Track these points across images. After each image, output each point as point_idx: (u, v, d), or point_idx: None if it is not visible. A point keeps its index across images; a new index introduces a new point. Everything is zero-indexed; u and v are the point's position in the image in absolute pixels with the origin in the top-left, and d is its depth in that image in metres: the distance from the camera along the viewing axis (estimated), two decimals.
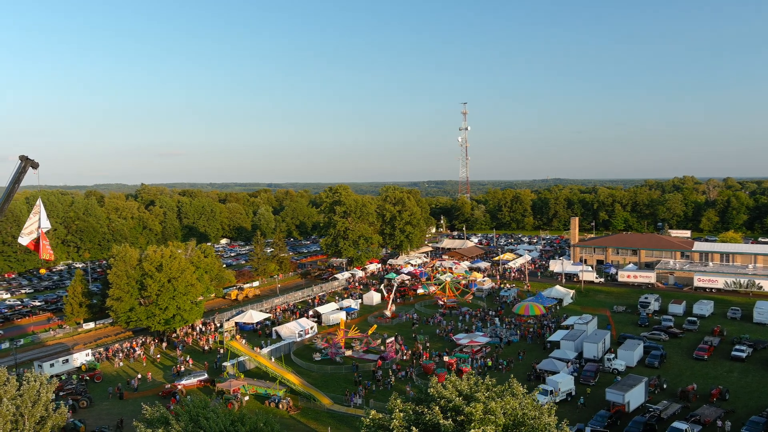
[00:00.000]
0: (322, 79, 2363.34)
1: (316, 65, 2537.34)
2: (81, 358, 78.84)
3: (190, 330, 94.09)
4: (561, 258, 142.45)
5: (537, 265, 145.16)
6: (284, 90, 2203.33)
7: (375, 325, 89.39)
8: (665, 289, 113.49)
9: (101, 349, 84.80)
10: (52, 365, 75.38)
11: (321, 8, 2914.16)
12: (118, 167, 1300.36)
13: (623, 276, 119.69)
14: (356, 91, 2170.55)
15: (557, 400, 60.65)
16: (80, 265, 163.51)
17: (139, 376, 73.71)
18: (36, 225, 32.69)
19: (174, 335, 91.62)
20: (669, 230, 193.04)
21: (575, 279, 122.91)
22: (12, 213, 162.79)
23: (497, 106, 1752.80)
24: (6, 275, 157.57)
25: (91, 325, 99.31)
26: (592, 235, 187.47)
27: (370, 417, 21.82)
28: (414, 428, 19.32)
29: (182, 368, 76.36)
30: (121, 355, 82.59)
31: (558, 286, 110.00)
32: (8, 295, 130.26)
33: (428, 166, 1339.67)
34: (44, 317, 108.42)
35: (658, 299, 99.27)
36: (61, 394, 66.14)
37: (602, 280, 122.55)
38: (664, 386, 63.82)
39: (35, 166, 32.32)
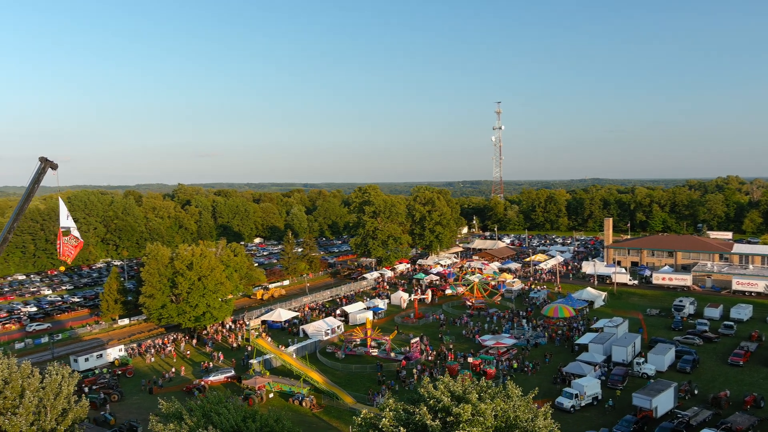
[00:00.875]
0: (359, 79, 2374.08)
1: (352, 66, 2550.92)
2: (114, 353, 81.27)
3: (220, 327, 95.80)
4: (594, 259, 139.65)
5: (569, 267, 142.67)
6: (321, 90, 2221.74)
7: (395, 332, 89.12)
8: (702, 293, 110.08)
9: (134, 345, 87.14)
10: (86, 359, 77.95)
11: (356, 8, 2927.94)
12: (159, 168, 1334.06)
13: (658, 278, 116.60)
14: (393, 90, 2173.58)
15: (583, 404, 59.80)
16: (118, 263, 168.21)
17: (174, 370, 75.64)
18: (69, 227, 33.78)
19: (204, 332, 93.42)
20: (708, 232, 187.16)
21: (608, 281, 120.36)
22: (55, 212, 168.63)
23: (533, 105, 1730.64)
24: (49, 272, 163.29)
25: (126, 321, 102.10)
26: (628, 237, 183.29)
27: (362, 416, 21.90)
28: (402, 428, 19.31)
29: (211, 365, 77.92)
30: (152, 351, 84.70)
31: (589, 288, 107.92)
32: (50, 291, 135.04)
33: (463, 166, 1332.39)
34: (83, 313, 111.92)
35: (694, 303, 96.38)
36: (94, 387, 68.56)
37: (636, 282, 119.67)
38: (695, 392, 61.93)
39: (54, 167, 33.41)
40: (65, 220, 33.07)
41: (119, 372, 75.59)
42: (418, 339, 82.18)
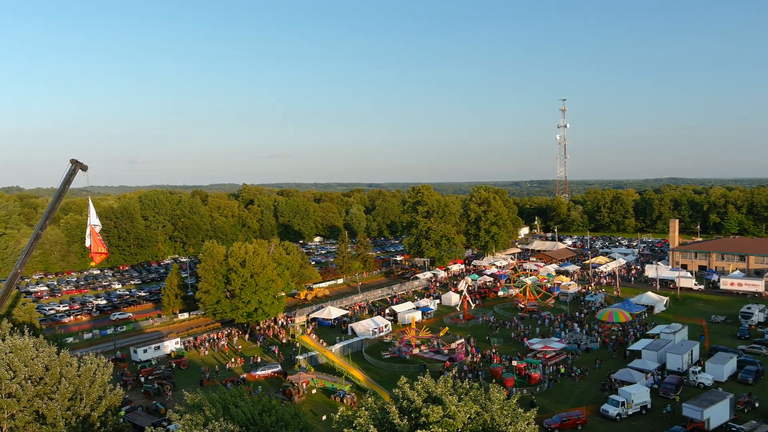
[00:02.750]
0: (425, 78, 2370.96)
1: (418, 65, 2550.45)
2: (171, 345, 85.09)
3: (272, 323, 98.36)
4: (658, 263, 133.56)
5: (632, 270, 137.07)
6: (387, 90, 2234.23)
7: (447, 327, 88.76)
8: None
9: (190, 338, 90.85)
10: (145, 351, 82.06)
11: (420, 7, 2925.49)
12: (233, 168, 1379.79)
13: (726, 283, 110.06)
14: (460, 89, 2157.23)
15: (630, 412, 57.48)
16: (184, 260, 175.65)
17: (231, 362, 78.47)
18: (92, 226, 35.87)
19: (257, 328, 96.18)
20: None
21: (671, 285, 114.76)
22: (126, 210, 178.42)
23: (604, 103, 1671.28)
24: (121, 267, 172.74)
25: (186, 315, 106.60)
26: (699, 239, 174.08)
27: (339, 413, 22.04)
28: (372, 427, 19.27)
29: (260, 359, 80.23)
30: (207, 344, 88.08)
31: (650, 293, 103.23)
32: (119, 286, 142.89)
33: (530, 165, 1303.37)
34: (147, 306, 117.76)
35: (764, 310, 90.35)
36: (150, 378, 72.07)
37: (702, 287, 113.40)
38: (756, 405, 58.11)
39: (84, 168, 35.37)
40: (95, 219, 34.99)
41: (174, 364, 79.00)
42: (463, 340, 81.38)
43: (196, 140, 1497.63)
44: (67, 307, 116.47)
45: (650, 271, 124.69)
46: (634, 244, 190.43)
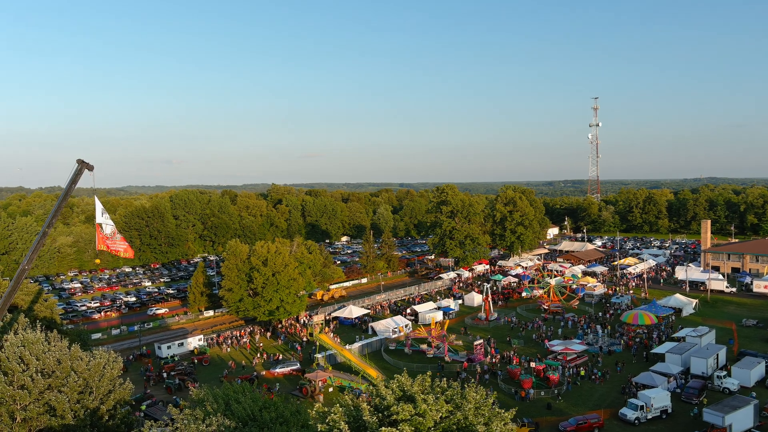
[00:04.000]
0: (458, 78, 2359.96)
1: (451, 65, 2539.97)
2: (194, 342, 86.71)
3: (294, 321, 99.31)
4: (689, 264, 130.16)
5: (662, 272, 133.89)
6: (420, 90, 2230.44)
7: (447, 321, 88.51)
8: None
9: (213, 335, 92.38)
10: (168, 347, 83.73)
11: (453, 8, 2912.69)
12: (267, 168, 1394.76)
13: (759, 286, 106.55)
14: (491, 88, 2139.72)
15: (649, 417, 56.21)
16: (213, 258, 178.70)
17: (257, 358, 79.59)
18: (104, 225, 36.82)
19: (280, 326, 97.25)
20: None
21: (702, 287, 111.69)
22: (157, 210, 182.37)
23: (643, 101, 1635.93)
24: (152, 265, 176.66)
25: (211, 312, 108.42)
26: (734, 240, 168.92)
27: (315, 409, 22.14)
28: (344, 424, 19.27)
29: (280, 356, 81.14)
30: (229, 341, 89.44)
31: (678, 295, 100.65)
32: (149, 283, 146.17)
33: (564, 165, 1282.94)
34: (174, 304, 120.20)
35: None
36: (172, 373, 73.60)
37: (734, 289, 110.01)
38: None
39: (90, 168, 36.28)
40: (100, 216, 35.96)
41: (196, 360, 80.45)
42: (482, 341, 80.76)
43: (231, 141, 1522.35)
44: (98, 304, 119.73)
45: (680, 272, 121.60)
46: (666, 245, 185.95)
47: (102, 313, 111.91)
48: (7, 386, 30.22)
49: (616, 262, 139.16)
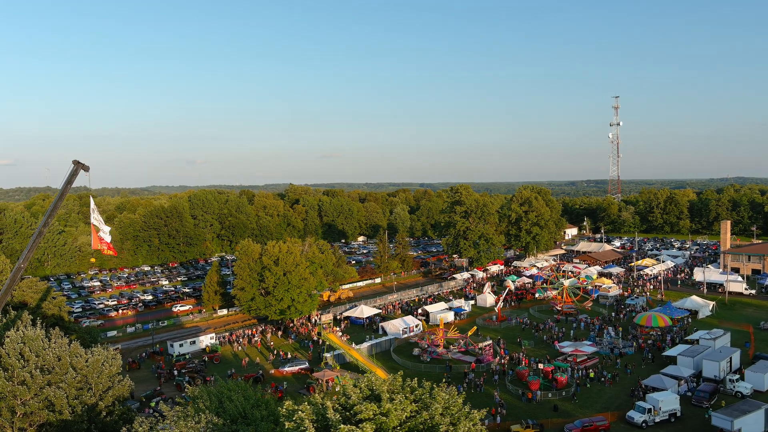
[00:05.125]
0: (478, 78, 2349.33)
1: (472, 65, 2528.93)
2: (206, 340, 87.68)
3: (305, 321, 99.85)
4: (708, 266, 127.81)
5: (681, 273, 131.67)
6: (442, 90, 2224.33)
7: (475, 327, 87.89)
8: None
9: (225, 334, 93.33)
10: (181, 345, 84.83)
11: (479, 7, 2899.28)
12: (287, 168, 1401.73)
13: None
14: (513, 88, 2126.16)
15: (657, 420, 55.37)
16: (230, 257, 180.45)
17: (272, 356, 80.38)
18: (96, 224, 37.60)
19: (291, 325, 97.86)
20: None
21: (720, 289, 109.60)
22: (176, 210, 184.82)
23: (668, 99, 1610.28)
24: (170, 264, 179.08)
25: (225, 311, 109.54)
26: (760, 242, 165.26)
27: (285, 406, 22.25)
28: (308, 422, 19.34)
29: (289, 355, 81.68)
30: (241, 340, 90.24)
31: (694, 297, 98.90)
32: (166, 282, 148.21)
33: (587, 164, 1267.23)
34: (190, 302, 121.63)
35: None
36: (183, 371, 74.61)
37: (753, 292, 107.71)
38: None
39: (86, 169, 36.98)
40: (93, 216, 36.55)
41: (206, 358, 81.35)
42: (491, 341, 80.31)
43: (252, 143, 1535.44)
44: (116, 302, 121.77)
45: (698, 274, 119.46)
46: (686, 246, 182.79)
47: (119, 311, 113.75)
48: (6, 382, 30.99)
49: (632, 264, 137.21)
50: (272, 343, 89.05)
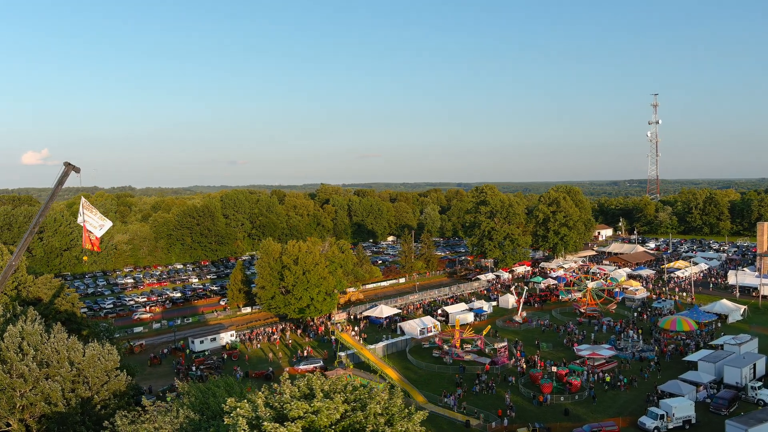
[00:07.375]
0: (516, 76, 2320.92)
1: (510, 64, 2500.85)
2: (227, 337, 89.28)
3: (325, 320, 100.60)
4: (743, 268, 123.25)
5: (714, 276, 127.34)
6: (482, 90, 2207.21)
7: (489, 326, 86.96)
8: None
9: (246, 331, 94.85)
10: (201, 342, 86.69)
11: (508, 7, 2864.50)
12: (326, 168, 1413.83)
13: None
14: (556, 87, 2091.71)
15: (670, 427, 53.76)
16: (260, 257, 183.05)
17: (300, 353, 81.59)
18: (93, 223, 38.76)
19: (311, 323, 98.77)
20: None
21: (754, 293, 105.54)
22: (208, 209, 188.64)
23: (717, 97, 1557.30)
24: (202, 262, 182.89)
25: (248, 309, 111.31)
26: None
27: (228, 403, 22.41)
28: (241, 419, 19.49)
29: (305, 353, 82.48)
30: (260, 337, 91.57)
31: (724, 300, 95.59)
32: (196, 280, 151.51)
33: (629, 164, 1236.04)
34: (216, 300, 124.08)
35: None
36: (201, 367, 76.21)
37: None
38: None
39: (77, 170, 38.11)
40: (80, 217, 37.62)
41: (225, 355, 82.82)
42: (506, 343, 79.37)
43: (292, 143, 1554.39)
44: (146, 299, 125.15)
45: (732, 277, 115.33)
46: (725, 248, 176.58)
47: (147, 308, 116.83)
48: (5, 374, 32.34)
49: (664, 266, 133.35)
50: (291, 342, 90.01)
